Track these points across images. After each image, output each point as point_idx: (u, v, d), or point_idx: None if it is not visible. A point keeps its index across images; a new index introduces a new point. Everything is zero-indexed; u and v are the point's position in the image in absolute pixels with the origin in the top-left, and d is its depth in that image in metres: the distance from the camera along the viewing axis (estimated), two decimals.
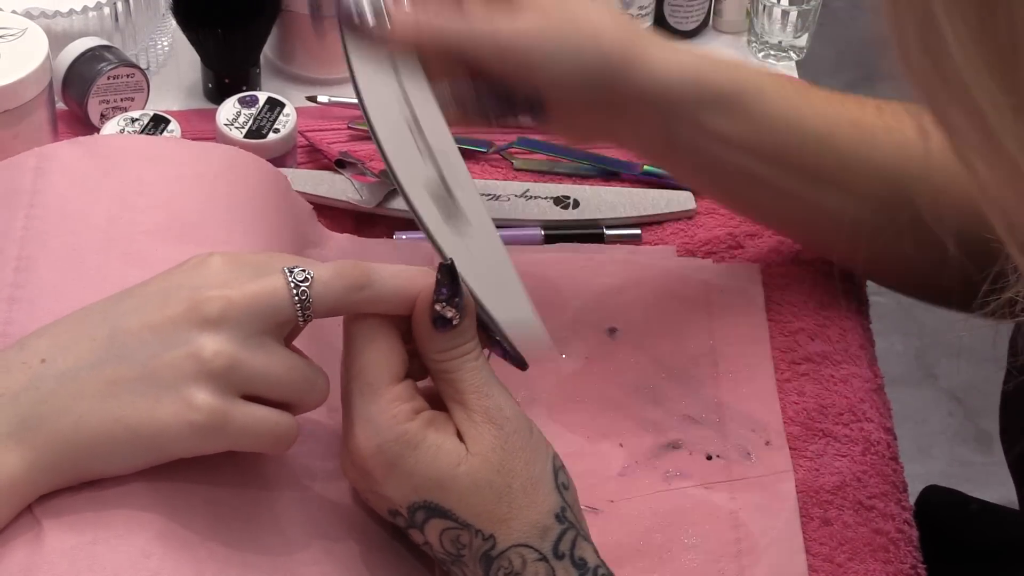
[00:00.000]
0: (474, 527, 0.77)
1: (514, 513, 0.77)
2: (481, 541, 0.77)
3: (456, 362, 0.78)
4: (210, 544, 0.75)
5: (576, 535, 0.78)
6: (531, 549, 0.77)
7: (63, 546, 0.73)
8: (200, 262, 0.76)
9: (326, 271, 0.75)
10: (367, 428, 0.76)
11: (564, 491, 0.78)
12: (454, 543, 0.78)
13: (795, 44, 1.25)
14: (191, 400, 0.73)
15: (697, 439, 0.93)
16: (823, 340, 1.00)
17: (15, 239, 0.87)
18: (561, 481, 0.78)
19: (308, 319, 0.75)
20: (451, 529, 0.77)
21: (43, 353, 0.74)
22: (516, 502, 0.77)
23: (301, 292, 0.74)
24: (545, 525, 0.77)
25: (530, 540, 0.77)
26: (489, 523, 0.77)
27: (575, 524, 0.78)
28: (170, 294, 0.74)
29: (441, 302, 0.77)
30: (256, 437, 0.75)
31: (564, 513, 0.78)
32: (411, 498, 0.77)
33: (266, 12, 1.14)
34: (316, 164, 1.12)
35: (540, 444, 0.79)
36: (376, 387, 0.76)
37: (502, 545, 0.77)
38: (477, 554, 0.77)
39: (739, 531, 0.89)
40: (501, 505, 0.77)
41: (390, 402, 0.76)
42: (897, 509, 0.92)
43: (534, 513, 0.77)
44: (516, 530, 0.77)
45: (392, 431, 0.76)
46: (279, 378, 0.75)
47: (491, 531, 0.77)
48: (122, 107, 1.12)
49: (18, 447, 0.73)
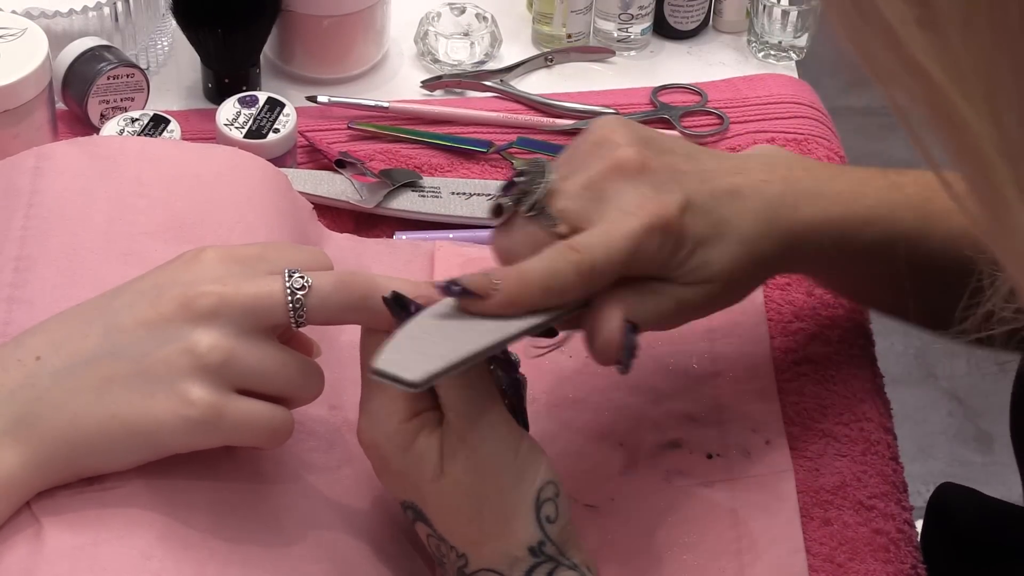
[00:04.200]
0: (448, 542, 0.77)
1: (485, 538, 0.76)
2: (456, 556, 0.77)
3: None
4: (211, 544, 0.75)
5: (555, 567, 0.76)
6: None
7: (63, 547, 0.73)
8: (193, 257, 0.76)
9: (327, 283, 0.75)
10: (367, 420, 0.76)
11: (547, 524, 0.77)
12: (436, 550, 0.78)
13: (795, 44, 1.25)
14: (186, 395, 0.73)
15: (697, 438, 0.93)
16: (823, 340, 1.00)
17: (14, 239, 0.87)
18: (545, 514, 0.77)
19: (302, 326, 0.75)
20: (432, 537, 0.77)
21: (38, 350, 0.74)
22: (487, 528, 0.76)
23: (296, 300, 0.74)
24: (515, 556, 0.76)
25: (499, 568, 0.76)
26: (461, 542, 0.76)
27: (556, 557, 0.76)
28: (164, 290, 0.74)
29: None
30: (252, 431, 0.75)
31: (542, 548, 0.76)
32: (401, 496, 0.77)
33: (266, 12, 1.14)
34: (316, 164, 1.12)
35: (525, 472, 0.77)
36: (381, 389, 0.76)
37: (473, 566, 0.77)
38: (454, 567, 0.77)
39: (739, 530, 0.89)
40: (472, 527, 0.76)
41: (392, 398, 0.76)
42: (897, 509, 0.92)
43: (504, 543, 0.76)
44: (486, 556, 0.76)
45: (386, 427, 0.76)
46: (274, 372, 0.75)
47: (463, 550, 0.77)
48: (122, 107, 1.12)
49: (15, 444, 0.73)
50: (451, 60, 1.22)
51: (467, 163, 1.13)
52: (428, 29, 1.23)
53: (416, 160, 1.12)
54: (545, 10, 1.24)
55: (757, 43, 1.26)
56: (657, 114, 1.17)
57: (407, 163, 1.12)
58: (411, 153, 1.13)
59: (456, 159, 1.13)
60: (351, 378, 0.87)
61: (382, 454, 0.76)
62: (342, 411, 0.86)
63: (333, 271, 0.77)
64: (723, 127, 1.16)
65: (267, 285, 0.74)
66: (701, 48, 1.27)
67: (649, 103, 1.18)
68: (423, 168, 1.11)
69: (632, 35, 1.24)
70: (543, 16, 1.24)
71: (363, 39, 1.19)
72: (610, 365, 0.80)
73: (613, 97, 1.19)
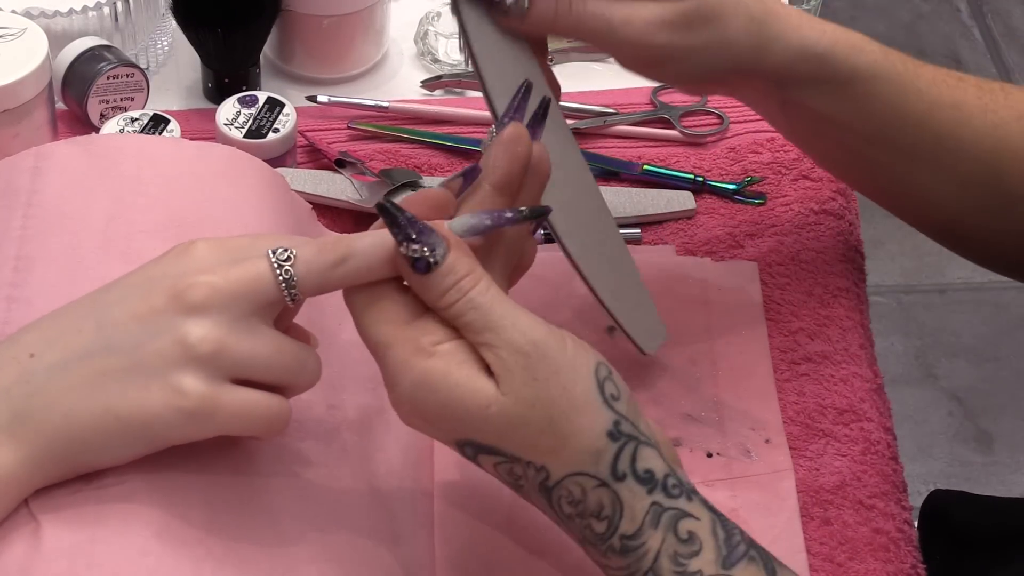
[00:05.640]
0: (523, 460, 0.74)
1: (562, 443, 0.73)
2: (534, 472, 0.74)
3: (461, 304, 0.73)
4: (208, 541, 0.75)
5: (636, 445, 0.74)
6: (588, 476, 0.73)
7: (61, 545, 0.73)
8: (184, 250, 0.76)
9: (309, 249, 0.74)
10: (389, 382, 0.74)
11: (614, 403, 0.74)
12: (509, 473, 0.75)
13: None
14: (180, 387, 0.73)
15: (697, 437, 0.93)
16: (823, 340, 1.00)
17: (13, 238, 0.87)
18: (609, 393, 0.74)
19: (296, 298, 0.74)
20: (503, 463, 0.75)
21: (32, 348, 0.74)
22: (561, 431, 0.73)
23: (285, 271, 0.74)
24: (598, 448, 0.73)
25: (584, 467, 0.73)
26: (538, 455, 0.73)
27: (634, 434, 0.74)
28: (155, 282, 0.74)
29: (401, 243, 0.73)
30: (248, 421, 0.74)
31: (619, 427, 0.74)
32: (453, 436, 0.74)
33: (266, 12, 1.14)
34: (316, 164, 1.12)
35: (579, 359, 0.74)
36: (384, 342, 0.74)
37: (556, 476, 0.74)
38: (534, 484, 0.75)
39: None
40: (545, 437, 0.73)
41: (401, 346, 0.73)
42: (897, 509, 0.92)
43: (584, 439, 0.73)
44: (567, 460, 0.73)
45: (406, 377, 0.73)
46: (268, 360, 0.74)
47: (542, 463, 0.74)
48: (122, 107, 1.12)
49: (11, 441, 0.73)
50: (451, 60, 1.22)
51: (467, 163, 1.12)
52: (428, 29, 1.23)
53: (416, 160, 1.12)
54: None
55: None
56: (657, 114, 1.17)
57: (407, 163, 1.12)
58: (411, 153, 1.13)
59: (456, 159, 1.13)
60: (350, 376, 0.87)
61: (414, 406, 0.73)
62: (341, 410, 0.86)
63: (314, 240, 0.76)
64: (723, 127, 1.16)
65: (254, 264, 0.74)
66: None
67: (649, 103, 1.18)
68: (423, 168, 1.11)
69: None
70: None
71: (363, 39, 1.19)
72: None
73: (613, 97, 1.19)
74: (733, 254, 1.05)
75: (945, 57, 2.50)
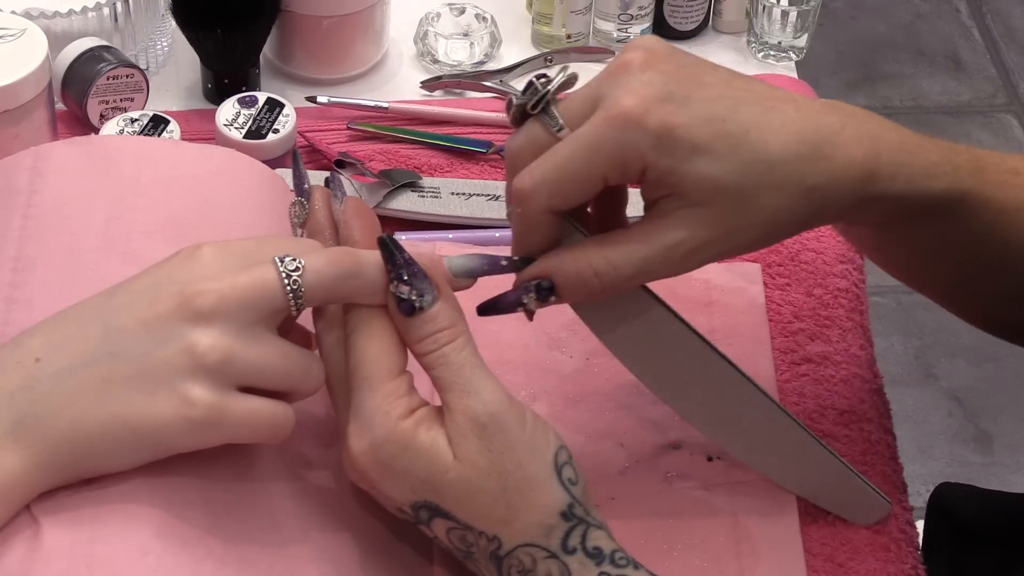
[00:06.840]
0: (476, 529, 0.76)
1: (514, 514, 0.75)
2: (486, 542, 0.76)
3: (434, 356, 0.75)
4: (208, 541, 0.75)
5: (587, 528, 0.76)
6: (539, 548, 0.75)
7: (61, 544, 0.73)
8: (190, 254, 0.76)
9: (318, 259, 0.75)
10: (360, 425, 0.75)
11: (571, 486, 0.76)
12: (462, 541, 0.76)
13: (795, 44, 1.25)
14: (187, 395, 0.72)
15: (698, 439, 0.93)
16: (823, 340, 1.00)
17: (12, 239, 0.87)
18: (567, 477, 0.76)
19: (301, 308, 0.75)
20: (456, 529, 0.76)
21: (37, 352, 0.74)
22: (514, 504, 0.75)
23: (293, 282, 0.74)
24: (550, 524, 0.75)
25: (535, 539, 0.75)
26: (490, 525, 0.75)
27: (586, 519, 0.76)
28: (161, 288, 0.74)
29: (393, 280, 0.74)
30: (254, 428, 0.74)
31: (572, 510, 0.76)
32: (411, 498, 0.76)
33: (266, 12, 1.14)
34: (316, 164, 1.12)
35: (537, 439, 0.76)
36: (373, 382, 0.75)
37: (508, 546, 0.75)
38: (486, 553, 0.76)
39: (739, 532, 0.89)
40: (498, 507, 0.75)
41: (385, 398, 0.75)
42: (897, 509, 0.92)
43: (537, 513, 0.75)
44: (519, 531, 0.75)
45: (384, 428, 0.74)
46: (274, 368, 0.74)
47: (494, 532, 0.75)
48: (122, 107, 1.12)
49: (16, 447, 0.73)
50: (451, 60, 1.22)
51: (467, 163, 1.13)
52: (428, 29, 1.23)
53: (416, 160, 1.12)
54: (545, 10, 1.24)
55: (757, 43, 1.26)
56: None
57: (407, 163, 1.12)
58: (411, 153, 1.13)
59: (456, 159, 1.13)
60: None
61: (381, 459, 0.75)
62: None
63: (322, 250, 0.77)
64: None
65: (262, 274, 0.74)
66: (701, 48, 1.26)
67: None
68: (423, 168, 1.11)
69: (632, 35, 1.24)
70: (543, 16, 1.24)
71: (362, 39, 1.20)
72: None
73: None
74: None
75: (945, 57, 2.50)
